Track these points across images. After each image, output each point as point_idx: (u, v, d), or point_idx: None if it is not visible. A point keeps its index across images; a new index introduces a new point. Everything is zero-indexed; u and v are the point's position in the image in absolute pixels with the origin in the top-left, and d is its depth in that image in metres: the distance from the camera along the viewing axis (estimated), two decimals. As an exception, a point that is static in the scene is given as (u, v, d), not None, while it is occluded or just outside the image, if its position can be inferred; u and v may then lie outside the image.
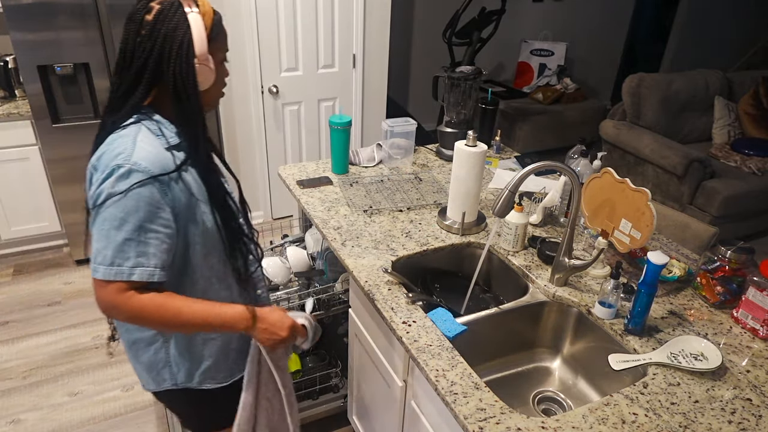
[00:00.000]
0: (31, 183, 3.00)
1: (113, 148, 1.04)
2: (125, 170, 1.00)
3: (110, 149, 1.04)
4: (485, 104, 2.38)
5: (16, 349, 2.56)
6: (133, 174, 1.00)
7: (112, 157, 1.02)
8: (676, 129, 3.95)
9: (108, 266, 1.01)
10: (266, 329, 1.18)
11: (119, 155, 1.02)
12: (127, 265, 1.02)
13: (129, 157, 1.01)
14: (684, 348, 1.31)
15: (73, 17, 2.62)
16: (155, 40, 1.03)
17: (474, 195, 1.73)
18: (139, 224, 1.01)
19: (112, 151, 1.03)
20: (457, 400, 1.16)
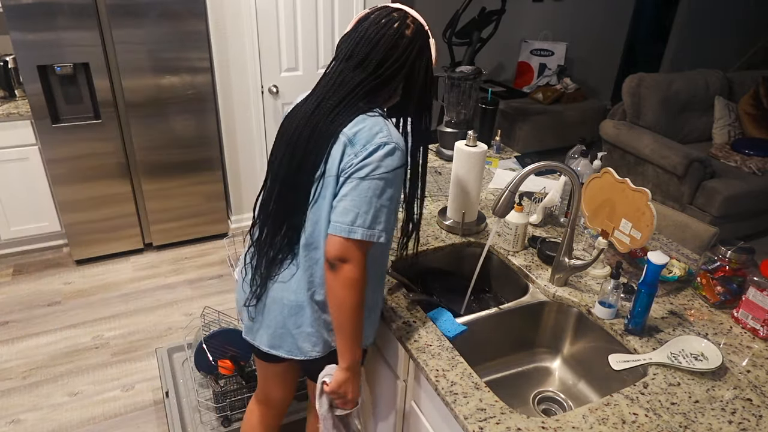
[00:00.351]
0: (31, 183, 3.00)
1: (370, 126, 1.17)
2: (391, 148, 1.15)
3: (366, 127, 1.17)
4: (485, 104, 2.38)
5: (16, 349, 2.56)
6: (397, 152, 1.16)
7: (374, 134, 1.16)
8: (676, 129, 3.95)
9: (367, 228, 1.14)
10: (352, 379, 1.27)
11: (380, 133, 1.16)
12: (378, 228, 1.16)
13: (391, 137, 1.16)
14: (684, 348, 1.31)
15: (73, 17, 2.62)
16: (409, 54, 1.18)
17: (474, 195, 1.73)
18: (391, 195, 1.17)
19: (370, 129, 1.16)
20: (457, 400, 1.16)
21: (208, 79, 3.03)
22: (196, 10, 2.84)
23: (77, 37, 2.67)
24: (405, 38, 1.17)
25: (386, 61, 1.17)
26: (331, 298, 1.20)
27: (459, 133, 2.26)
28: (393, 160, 1.15)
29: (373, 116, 1.19)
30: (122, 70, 2.81)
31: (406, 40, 1.17)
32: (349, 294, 1.18)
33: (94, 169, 2.96)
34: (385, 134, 1.16)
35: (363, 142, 1.15)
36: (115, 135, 2.94)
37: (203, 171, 3.22)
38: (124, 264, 3.20)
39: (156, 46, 2.83)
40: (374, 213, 1.15)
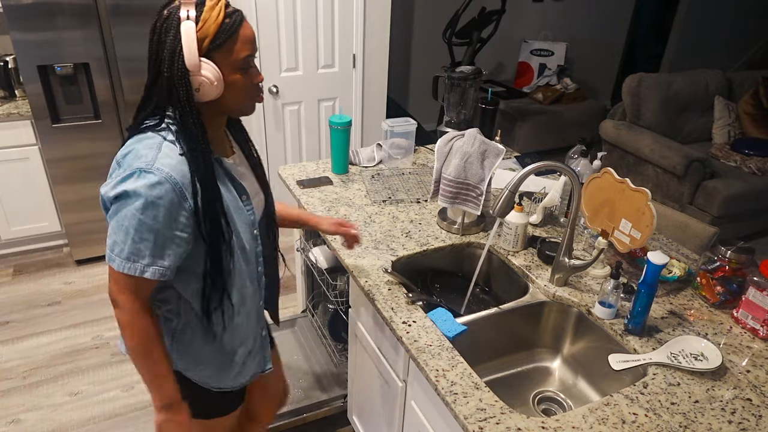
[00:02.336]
0: (31, 183, 3.00)
1: (138, 150, 1.05)
2: (147, 173, 1.02)
3: (136, 150, 1.05)
4: (485, 104, 2.38)
5: (16, 349, 2.56)
6: (154, 178, 1.01)
7: (136, 158, 1.04)
8: (676, 129, 3.95)
9: (124, 260, 1.04)
10: (171, 421, 1.19)
11: (142, 158, 1.03)
12: (141, 263, 1.05)
13: (152, 162, 1.02)
14: (684, 348, 1.31)
15: (73, 17, 2.62)
16: (155, 47, 1.04)
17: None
18: (157, 228, 1.03)
19: (137, 152, 1.05)
20: (457, 400, 1.16)
21: (208, 79, 3.03)
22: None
23: (77, 37, 2.67)
24: (153, 31, 1.04)
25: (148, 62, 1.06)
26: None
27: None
28: (148, 186, 1.01)
29: (149, 137, 1.07)
30: (122, 70, 2.81)
31: (154, 33, 1.04)
32: (125, 335, 1.12)
33: (95, 169, 2.96)
34: (147, 160, 1.03)
35: (126, 165, 1.04)
36: (115, 135, 2.93)
37: (203, 171, 3.21)
38: (124, 264, 3.19)
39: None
40: (133, 244, 1.03)
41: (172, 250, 1.07)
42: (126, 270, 1.05)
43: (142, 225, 1.02)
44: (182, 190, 1.04)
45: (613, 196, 1.49)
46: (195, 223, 1.08)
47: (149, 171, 1.02)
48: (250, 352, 1.32)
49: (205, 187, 1.07)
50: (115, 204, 1.04)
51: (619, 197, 1.47)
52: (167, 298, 1.19)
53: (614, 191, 1.48)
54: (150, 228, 1.03)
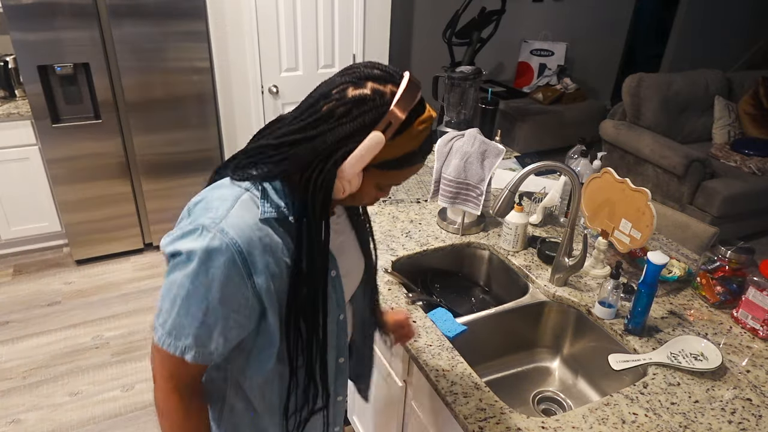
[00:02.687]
0: (31, 183, 3.00)
1: (210, 200, 0.87)
2: (209, 237, 0.83)
3: (208, 199, 0.88)
4: (485, 104, 2.38)
5: (16, 349, 2.56)
6: (215, 242, 0.82)
7: (205, 210, 0.86)
8: (676, 129, 3.95)
9: (165, 333, 0.87)
10: None
11: (210, 210, 0.85)
12: (183, 342, 0.86)
13: (218, 220, 0.83)
14: (684, 348, 1.31)
15: (73, 17, 2.62)
16: (334, 121, 0.82)
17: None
18: (206, 304, 0.84)
19: (208, 202, 0.87)
20: (457, 400, 1.16)
21: (208, 79, 3.03)
22: (196, 10, 2.84)
23: (77, 37, 2.67)
24: (341, 93, 0.83)
25: (304, 110, 0.87)
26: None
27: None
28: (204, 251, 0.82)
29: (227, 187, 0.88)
30: (122, 70, 2.81)
31: (339, 96, 0.83)
32: (158, 417, 0.94)
33: (94, 169, 2.96)
34: (215, 216, 0.84)
35: (192, 218, 0.87)
36: (115, 135, 2.93)
37: (203, 171, 3.21)
38: (124, 264, 3.19)
39: (156, 46, 2.83)
40: (176, 318, 0.85)
41: (223, 334, 0.87)
42: (165, 346, 0.87)
43: (190, 296, 0.84)
44: (247, 261, 0.84)
45: (613, 196, 1.49)
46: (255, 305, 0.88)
47: (211, 230, 0.83)
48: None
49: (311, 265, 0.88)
50: (170, 262, 0.88)
51: (619, 197, 1.47)
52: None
53: (614, 191, 1.48)
54: (199, 302, 0.84)
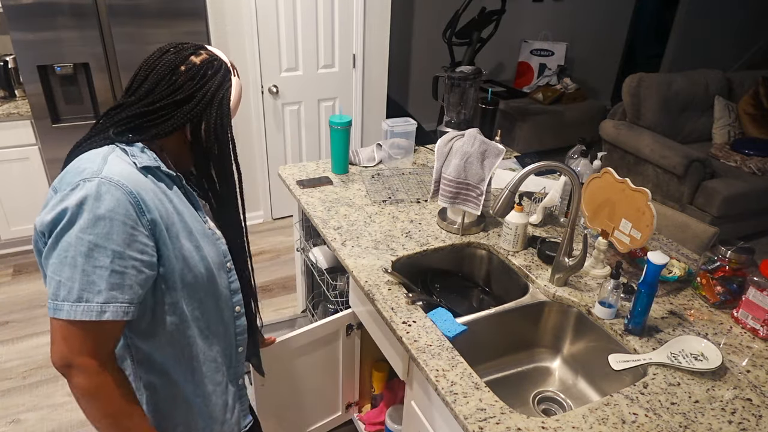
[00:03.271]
0: (31, 183, 3.00)
1: (77, 166, 0.89)
2: (94, 184, 0.84)
3: (73, 167, 0.89)
4: (485, 104, 2.38)
5: (16, 349, 2.56)
6: (103, 187, 0.84)
7: (76, 173, 0.87)
8: (676, 129, 3.95)
9: (74, 302, 0.82)
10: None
11: (85, 170, 0.87)
12: (97, 300, 0.83)
13: (98, 172, 0.86)
14: (684, 348, 1.31)
15: (73, 17, 2.62)
16: (200, 83, 1.01)
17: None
18: (112, 248, 0.84)
19: (75, 168, 0.89)
20: (457, 400, 1.16)
21: (208, 79, 3.03)
22: (196, 10, 2.84)
23: (77, 37, 2.67)
24: (189, 63, 1.01)
25: (158, 84, 0.99)
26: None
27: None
28: (96, 199, 0.83)
29: (90, 153, 0.92)
30: (122, 70, 2.81)
31: (189, 65, 1.01)
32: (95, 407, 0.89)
33: (94, 169, 2.96)
34: (92, 170, 0.86)
35: (64, 186, 0.86)
36: (115, 135, 2.93)
37: (203, 171, 3.21)
38: (124, 264, 3.19)
39: (156, 47, 2.82)
40: (84, 277, 0.82)
41: (133, 279, 0.86)
42: (79, 315, 0.82)
43: (92, 249, 0.82)
44: (139, 201, 0.88)
45: (613, 196, 1.49)
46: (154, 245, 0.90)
47: (92, 179, 0.85)
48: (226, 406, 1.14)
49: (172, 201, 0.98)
50: (54, 233, 0.84)
51: (619, 197, 1.47)
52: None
53: (614, 191, 1.48)
54: (104, 250, 0.83)
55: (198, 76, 1.01)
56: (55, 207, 0.84)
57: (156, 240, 0.91)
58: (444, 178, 1.71)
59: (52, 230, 0.84)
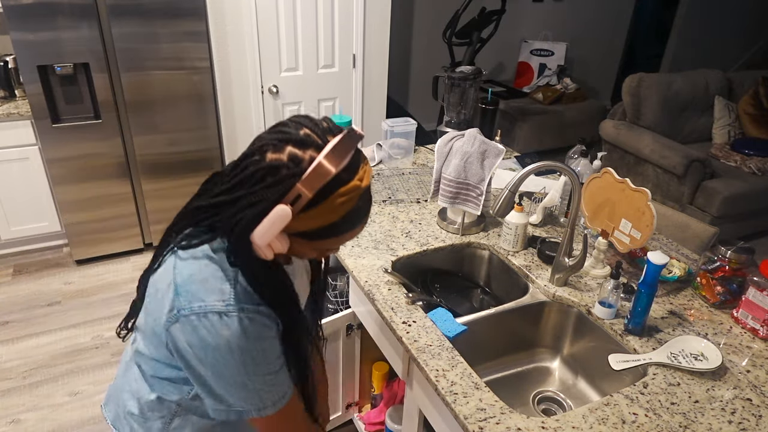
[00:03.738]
0: (31, 183, 3.00)
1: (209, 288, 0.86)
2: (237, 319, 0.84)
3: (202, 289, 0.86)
4: (485, 104, 2.38)
5: (16, 349, 2.56)
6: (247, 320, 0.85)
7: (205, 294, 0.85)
8: (676, 129, 3.95)
9: (272, 404, 0.92)
10: None
11: (215, 295, 0.85)
12: (280, 391, 0.94)
13: (230, 298, 0.84)
14: (684, 348, 1.31)
15: (73, 17, 2.62)
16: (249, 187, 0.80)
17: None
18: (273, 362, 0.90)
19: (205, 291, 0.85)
20: (457, 400, 1.16)
21: (208, 79, 3.03)
22: (196, 10, 2.84)
23: (77, 37, 2.67)
24: (264, 156, 0.80)
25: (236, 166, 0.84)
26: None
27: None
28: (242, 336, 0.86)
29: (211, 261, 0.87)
30: (122, 70, 2.81)
31: (264, 159, 0.79)
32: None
33: (94, 169, 2.96)
34: (220, 297, 0.85)
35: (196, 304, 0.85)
36: (115, 135, 2.94)
37: (203, 171, 3.21)
38: (124, 264, 3.19)
39: (156, 46, 2.83)
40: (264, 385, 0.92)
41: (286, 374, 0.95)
42: (281, 405, 0.93)
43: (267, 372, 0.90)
44: (267, 314, 0.88)
45: (613, 196, 1.49)
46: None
47: (232, 314, 0.84)
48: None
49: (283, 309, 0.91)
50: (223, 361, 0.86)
51: (619, 197, 1.47)
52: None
53: (614, 191, 1.48)
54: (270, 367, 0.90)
55: (253, 180, 0.80)
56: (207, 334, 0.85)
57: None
58: (444, 178, 1.71)
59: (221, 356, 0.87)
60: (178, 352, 0.88)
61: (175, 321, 0.86)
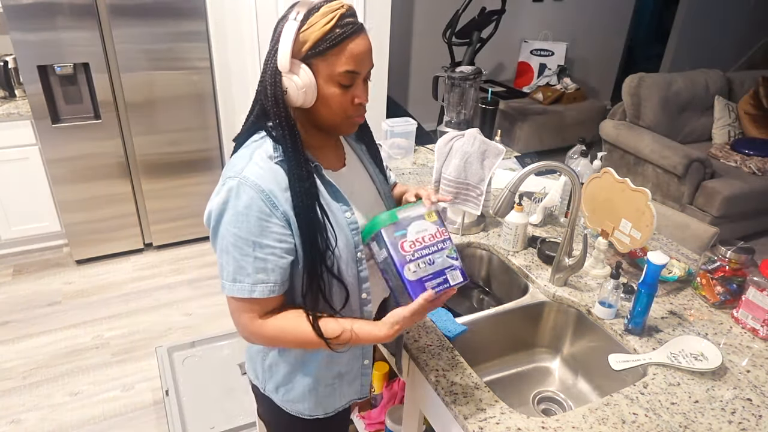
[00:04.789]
0: (31, 183, 3.00)
1: (233, 162, 1.04)
2: (235, 184, 0.98)
3: (231, 162, 1.05)
4: (485, 104, 2.38)
5: (16, 349, 2.56)
6: (241, 187, 0.98)
7: (229, 168, 1.02)
8: (676, 129, 3.95)
9: (231, 282, 1.01)
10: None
11: (233, 168, 1.01)
12: (247, 282, 1.00)
13: (240, 171, 0.99)
14: (684, 348, 1.31)
15: (73, 17, 2.62)
16: (274, 37, 1.01)
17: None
18: (252, 240, 0.99)
19: (231, 163, 1.04)
20: (457, 400, 1.16)
21: (208, 79, 3.03)
22: (196, 10, 2.84)
23: (77, 37, 2.67)
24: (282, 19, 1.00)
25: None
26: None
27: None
28: (236, 198, 0.98)
29: (242, 150, 1.05)
30: (122, 70, 2.81)
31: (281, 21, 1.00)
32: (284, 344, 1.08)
33: (94, 169, 2.96)
34: (236, 170, 1.01)
35: (223, 176, 1.03)
36: (115, 135, 2.94)
37: (203, 171, 3.21)
38: (124, 264, 3.19)
39: (156, 46, 2.83)
40: (236, 262, 1.00)
41: (275, 264, 1.01)
42: (235, 293, 1.01)
43: (238, 239, 0.99)
44: (271, 197, 0.99)
45: (613, 196, 1.49)
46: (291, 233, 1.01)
47: (234, 178, 0.99)
48: (344, 377, 1.21)
49: (298, 192, 1.00)
50: (212, 225, 1.02)
51: (619, 197, 1.47)
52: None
53: (614, 191, 1.49)
54: (246, 241, 0.98)
55: (276, 34, 1.00)
56: (212, 199, 1.01)
57: (291, 229, 1.02)
58: (444, 178, 1.71)
59: (211, 220, 1.02)
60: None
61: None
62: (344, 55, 0.97)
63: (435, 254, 1.04)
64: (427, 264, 1.03)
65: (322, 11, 0.97)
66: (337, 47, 0.97)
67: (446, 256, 1.05)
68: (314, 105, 1.01)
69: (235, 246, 0.99)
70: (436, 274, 1.03)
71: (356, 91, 1.02)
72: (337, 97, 1.00)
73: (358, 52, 0.98)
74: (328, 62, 0.97)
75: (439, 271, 1.03)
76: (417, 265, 1.01)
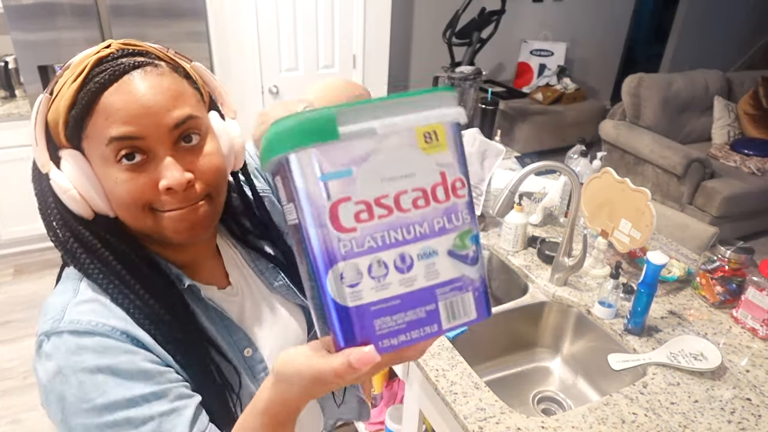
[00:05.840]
0: (31, 183, 2.99)
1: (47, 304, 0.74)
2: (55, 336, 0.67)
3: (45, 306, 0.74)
4: (485, 104, 2.38)
5: (16, 349, 2.56)
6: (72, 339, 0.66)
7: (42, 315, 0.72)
8: (676, 129, 3.95)
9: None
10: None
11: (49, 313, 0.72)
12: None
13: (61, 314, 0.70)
14: (684, 348, 1.31)
15: (73, 17, 2.62)
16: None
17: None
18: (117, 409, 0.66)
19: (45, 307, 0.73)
20: (457, 400, 1.16)
21: (208, 79, 3.03)
22: (196, 9, 2.85)
23: (77, 37, 2.67)
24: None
25: None
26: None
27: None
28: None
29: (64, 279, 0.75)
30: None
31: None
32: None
33: (95, 169, 2.96)
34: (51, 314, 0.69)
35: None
36: (115, 135, 2.94)
37: (203, 171, 3.22)
38: (124, 264, 3.20)
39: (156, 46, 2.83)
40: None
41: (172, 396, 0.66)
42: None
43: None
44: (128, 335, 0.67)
45: (613, 196, 1.49)
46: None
47: (57, 332, 0.65)
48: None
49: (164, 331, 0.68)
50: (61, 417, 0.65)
51: (619, 197, 1.47)
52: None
53: (614, 191, 1.49)
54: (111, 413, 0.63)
55: None
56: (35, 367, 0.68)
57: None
58: (444, 178, 1.70)
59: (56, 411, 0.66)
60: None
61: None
62: (102, 115, 0.62)
63: (423, 242, 0.46)
64: (397, 268, 0.45)
65: (72, 65, 0.65)
66: (92, 108, 0.62)
67: (451, 247, 0.48)
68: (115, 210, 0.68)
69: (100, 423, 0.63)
70: (413, 299, 0.46)
71: (157, 169, 0.65)
72: (122, 186, 0.64)
73: (122, 106, 0.62)
74: (91, 136, 0.64)
75: (422, 290, 0.46)
76: (368, 268, 0.44)
